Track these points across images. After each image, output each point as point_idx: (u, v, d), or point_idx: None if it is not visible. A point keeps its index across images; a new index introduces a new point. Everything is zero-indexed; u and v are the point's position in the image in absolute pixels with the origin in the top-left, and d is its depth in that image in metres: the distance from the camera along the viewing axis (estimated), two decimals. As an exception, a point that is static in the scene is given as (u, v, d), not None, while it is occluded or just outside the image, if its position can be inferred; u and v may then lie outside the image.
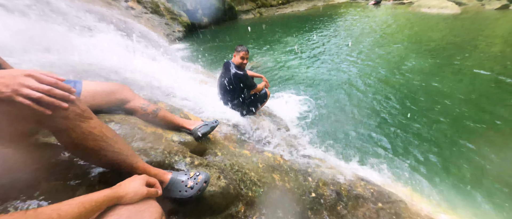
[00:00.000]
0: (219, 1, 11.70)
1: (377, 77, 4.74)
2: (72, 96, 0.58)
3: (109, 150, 0.68)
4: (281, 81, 4.86)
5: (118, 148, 0.71)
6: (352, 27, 10.08)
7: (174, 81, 2.29)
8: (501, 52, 5.72)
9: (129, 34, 3.05)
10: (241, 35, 9.68)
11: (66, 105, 0.56)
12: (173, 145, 1.13)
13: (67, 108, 0.56)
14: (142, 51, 2.58)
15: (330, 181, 1.87)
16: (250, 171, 1.53)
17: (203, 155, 1.35)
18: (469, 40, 6.93)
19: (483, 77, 4.51)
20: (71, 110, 0.58)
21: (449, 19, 9.88)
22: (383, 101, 3.82)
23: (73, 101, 0.59)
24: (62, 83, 0.56)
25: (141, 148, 0.99)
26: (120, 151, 0.71)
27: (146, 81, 1.75)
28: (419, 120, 3.28)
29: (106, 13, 3.37)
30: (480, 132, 2.99)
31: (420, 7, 12.61)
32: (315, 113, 3.54)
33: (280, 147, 2.21)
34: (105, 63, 1.62)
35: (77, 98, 0.61)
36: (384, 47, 6.85)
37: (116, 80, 1.50)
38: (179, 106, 1.78)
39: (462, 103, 3.66)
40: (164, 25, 7.76)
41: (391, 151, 2.78)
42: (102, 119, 1.02)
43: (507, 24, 8.59)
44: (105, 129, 0.69)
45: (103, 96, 1.05)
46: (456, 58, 5.53)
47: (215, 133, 1.73)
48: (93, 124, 0.65)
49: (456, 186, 2.32)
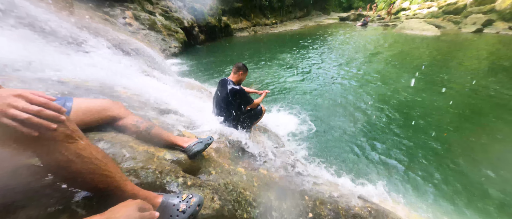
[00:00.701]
0: (216, 19, 12.15)
1: (369, 93, 4.89)
2: (62, 116, 0.56)
3: (97, 173, 0.65)
4: (276, 97, 4.92)
5: (107, 170, 0.68)
6: (343, 46, 10.60)
7: (169, 97, 2.28)
8: (480, 69, 6.12)
9: (123, 50, 3.07)
10: (237, 52, 9.94)
11: (55, 126, 0.54)
12: (165, 164, 1.09)
13: (55, 129, 0.54)
14: (136, 67, 2.58)
15: (327, 199, 1.82)
16: (245, 190, 1.47)
17: (196, 174, 1.30)
18: (451, 58, 7.41)
19: (465, 91, 4.75)
20: (60, 131, 0.56)
21: (431, 40, 10.60)
22: (376, 117, 3.90)
23: (62, 122, 0.56)
24: (53, 103, 0.54)
25: (131, 168, 0.94)
26: (108, 173, 0.68)
27: (140, 97, 1.73)
28: (412, 135, 3.34)
29: (101, 29, 3.42)
30: (474, 146, 3.06)
31: (403, 29, 13.53)
32: (310, 129, 3.56)
33: (276, 164, 2.17)
34: (98, 79, 1.60)
35: (67, 118, 0.59)
36: (373, 64, 7.18)
37: (110, 97, 1.48)
38: (174, 122, 1.75)
39: (450, 116, 3.80)
40: (160, 41, 7.89)
41: (386, 167, 2.77)
42: (92, 137, 0.98)
43: (482, 45, 9.33)
44: (94, 150, 0.66)
45: (94, 114, 1.02)
46: (439, 75, 5.85)
47: (210, 150, 1.68)
48: (82, 145, 0.62)
49: (451, 202, 2.31)
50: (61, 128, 0.56)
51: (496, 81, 5.24)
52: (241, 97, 2.17)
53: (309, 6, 24.13)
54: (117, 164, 0.92)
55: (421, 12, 17.74)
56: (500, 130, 3.40)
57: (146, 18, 7.85)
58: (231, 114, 2.22)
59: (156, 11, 8.91)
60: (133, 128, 1.10)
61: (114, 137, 1.05)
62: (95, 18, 6.00)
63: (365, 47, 9.93)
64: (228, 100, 2.15)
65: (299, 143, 3.14)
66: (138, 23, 7.55)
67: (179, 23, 9.50)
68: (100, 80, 1.66)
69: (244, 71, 2.19)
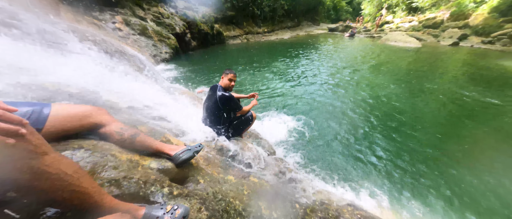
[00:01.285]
0: (208, 26, 12.23)
1: (358, 101, 5.04)
2: (22, 129, 0.50)
3: (66, 190, 0.59)
4: (267, 104, 4.94)
5: (80, 186, 0.62)
6: (332, 55, 10.97)
7: (157, 103, 2.22)
8: (458, 79, 6.54)
9: (111, 54, 2.99)
10: (229, 59, 9.99)
11: (13, 140, 0.47)
12: (150, 174, 1.04)
13: (13, 144, 0.48)
14: (124, 72, 2.51)
15: (318, 207, 1.81)
16: (235, 199, 1.44)
17: (184, 183, 1.25)
18: (433, 68, 7.88)
19: (447, 99, 5.03)
20: (20, 147, 0.50)
21: (413, 52, 11.25)
22: (365, 124, 4.01)
23: (23, 136, 0.50)
24: (11, 114, 0.48)
25: (112, 178, 0.89)
26: (81, 189, 0.62)
27: (126, 103, 1.67)
28: (400, 141, 3.45)
29: (87, 33, 3.32)
30: (460, 151, 3.20)
31: (388, 41, 14.28)
32: (301, 136, 3.58)
33: (266, 172, 2.15)
34: (82, 84, 1.53)
35: (30, 132, 0.53)
36: (361, 73, 7.46)
37: (93, 103, 1.41)
38: (161, 129, 1.70)
39: (435, 122, 3.99)
40: (151, 47, 7.79)
41: (375, 174, 2.82)
42: (71, 146, 0.92)
43: (459, 56, 10.07)
44: (64, 165, 0.60)
45: (75, 120, 0.96)
46: (423, 83, 6.17)
47: (198, 158, 1.64)
48: (48, 161, 0.56)
49: (439, 207, 2.37)
50: (22, 143, 0.50)
51: (474, 89, 5.60)
52: (230, 103, 2.15)
53: (300, 17, 24.98)
54: (96, 175, 0.86)
55: (404, 25, 18.87)
56: (480, 135, 3.59)
57: (137, 24, 7.75)
58: (221, 120, 2.19)
59: (147, 17, 8.85)
60: (117, 136, 1.05)
61: (95, 145, 1.00)
62: (83, 22, 5.85)
63: (354, 57, 10.34)
64: (217, 107, 2.12)
65: (290, 150, 3.14)
66: (128, 29, 7.43)
67: (171, 29, 9.46)
68: (83, 85, 1.59)
69: (233, 75, 2.18)
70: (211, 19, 12.84)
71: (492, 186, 2.59)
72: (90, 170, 0.86)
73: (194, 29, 11.19)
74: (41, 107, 0.88)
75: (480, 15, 13.32)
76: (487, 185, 2.62)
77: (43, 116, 0.85)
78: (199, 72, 7.34)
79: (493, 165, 2.92)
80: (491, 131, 3.77)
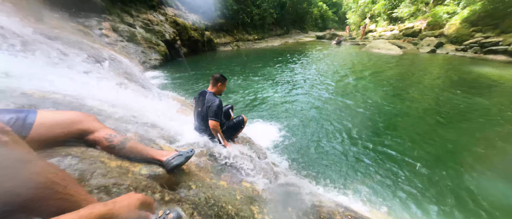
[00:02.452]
0: (199, 34, 12.28)
1: (346, 105, 5.22)
2: (4, 137, 0.48)
3: (53, 198, 0.57)
4: (258, 109, 4.99)
5: (67, 194, 0.60)
6: (321, 62, 11.37)
7: (147, 109, 2.19)
8: (437, 83, 7.00)
9: (99, 61, 2.92)
10: (219, 65, 10.03)
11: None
12: (140, 180, 1.03)
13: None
14: (111, 78, 2.46)
15: (309, 210, 1.83)
16: (227, 204, 1.43)
17: (175, 189, 1.24)
18: (413, 74, 8.39)
19: (425, 102, 5.35)
20: (3, 155, 0.48)
21: (395, 59, 11.92)
22: (353, 127, 4.15)
23: (6, 144, 0.49)
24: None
25: (101, 185, 0.87)
26: (69, 196, 0.60)
27: (114, 109, 1.64)
28: (386, 144, 3.59)
29: (73, 39, 3.24)
30: (443, 150, 3.38)
31: (371, 48, 15.06)
32: (292, 140, 3.64)
33: (258, 176, 2.16)
34: (68, 91, 1.50)
35: (14, 139, 0.52)
36: (348, 77, 7.79)
37: (80, 109, 1.38)
38: (152, 135, 1.68)
39: (417, 123, 4.21)
40: (140, 53, 7.67)
41: (365, 175, 2.91)
42: (58, 153, 0.90)
43: (436, 63, 10.89)
44: (51, 173, 0.58)
45: (63, 127, 0.94)
46: (405, 87, 6.53)
47: (190, 164, 1.63)
48: (33, 169, 0.54)
49: (423, 205, 2.48)
50: (5, 151, 0.49)
51: (451, 93, 6.01)
52: (222, 108, 2.17)
53: (289, 25, 25.77)
54: (85, 183, 0.85)
55: (386, 34, 20.02)
56: (458, 134, 3.84)
57: (125, 30, 7.64)
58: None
59: (136, 23, 8.75)
60: (106, 142, 1.03)
61: (84, 152, 0.98)
62: (68, 28, 5.68)
63: (341, 63, 10.77)
64: (208, 112, 2.13)
65: (281, 154, 3.17)
66: (116, 35, 7.30)
67: (161, 36, 9.39)
68: (70, 91, 1.55)
69: (223, 81, 2.18)
70: (201, 26, 12.92)
71: (474, 184, 2.76)
72: (78, 177, 0.84)
73: (185, 36, 11.19)
74: (26, 114, 0.86)
75: (453, 25, 14.46)
76: (467, 182, 2.78)
77: (28, 123, 0.83)
78: (190, 78, 7.30)
79: (471, 163, 3.12)
80: (468, 129, 4.04)
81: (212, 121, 2.01)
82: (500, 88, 6.69)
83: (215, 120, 2.01)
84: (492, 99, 5.74)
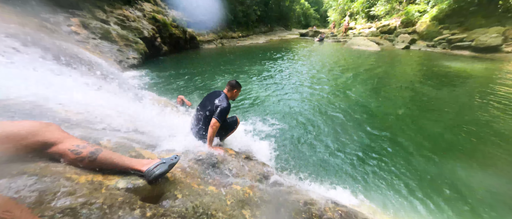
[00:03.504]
0: (180, 31, 11.77)
1: (331, 100, 5.34)
2: None
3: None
4: (245, 108, 4.91)
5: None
6: (304, 58, 11.55)
7: (124, 113, 2.00)
8: (412, 77, 7.50)
9: (63, 60, 2.62)
10: (203, 64, 9.72)
11: None
12: (117, 195, 0.91)
13: None
14: (81, 79, 2.22)
15: (301, 208, 1.81)
16: (217, 212, 1.35)
17: (159, 201, 1.13)
18: (390, 69, 8.90)
19: (404, 94, 5.68)
20: None
21: (374, 55, 12.54)
22: (338, 122, 4.25)
23: None
24: None
25: (67, 207, 0.74)
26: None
27: (84, 115, 1.46)
28: (370, 137, 3.72)
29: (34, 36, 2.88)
30: (425, 144, 3.57)
31: (352, 45, 15.67)
32: (280, 138, 3.62)
33: (249, 177, 2.09)
34: (27, 96, 1.29)
35: None
36: (332, 74, 8.02)
37: (42, 118, 1.19)
38: (130, 142, 1.52)
39: (397, 117, 4.43)
40: (115, 52, 7.13)
41: (352, 170, 2.99)
42: (8, 172, 0.74)
43: (410, 58, 11.73)
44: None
45: (16, 141, 0.79)
46: (383, 83, 6.88)
47: (175, 171, 1.51)
48: None
49: (407, 196, 2.61)
50: None
51: (424, 84, 6.45)
52: (226, 113, 2.11)
53: (273, 22, 25.83)
54: (45, 206, 0.71)
55: (364, 31, 20.93)
56: (431, 123, 4.11)
57: (97, 27, 7.04)
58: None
59: (110, 19, 8.12)
60: (72, 155, 0.89)
61: (44, 169, 0.83)
62: (29, 24, 5.06)
63: (324, 60, 11.05)
64: (214, 110, 2.05)
65: (271, 153, 3.14)
66: (87, 32, 6.70)
67: (139, 33, 8.83)
68: (29, 96, 1.34)
69: (239, 88, 2.28)
70: (183, 23, 12.40)
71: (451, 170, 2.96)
72: (36, 201, 0.70)
73: (165, 33, 10.65)
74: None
75: (424, 23, 15.52)
76: (445, 170, 2.98)
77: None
78: (172, 78, 6.97)
79: (446, 150, 3.35)
80: (436, 118, 4.35)
81: (215, 120, 2.01)
82: (467, 79, 7.34)
83: (219, 121, 2.02)
84: (460, 89, 6.27)
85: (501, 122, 4.24)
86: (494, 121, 4.28)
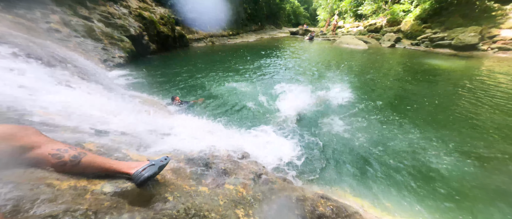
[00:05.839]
0: (168, 29, 11.46)
1: (322, 98, 5.44)
2: None
3: None
4: (235, 108, 4.88)
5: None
6: (296, 56, 11.68)
7: (110, 113, 1.92)
8: (395, 71, 7.82)
9: (41, 59, 2.46)
10: (193, 62, 9.53)
11: None
12: (103, 200, 0.87)
13: None
14: (61, 79, 2.10)
15: (294, 205, 1.84)
16: (210, 213, 1.33)
17: (148, 204, 1.09)
18: (377, 65, 9.27)
19: (391, 86, 5.90)
20: None
21: (362, 52, 12.94)
22: (327, 116, 4.34)
23: None
24: None
25: (47, 215, 0.70)
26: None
27: (65, 117, 1.38)
28: (358, 132, 3.84)
29: (6, 34, 2.69)
30: (405, 139, 3.73)
31: (341, 43, 16.03)
32: (272, 136, 3.64)
33: (241, 176, 2.09)
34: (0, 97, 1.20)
35: None
36: (323, 70, 8.20)
37: (17, 121, 1.12)
38: (116, 144, 1.47)
39: (382, 113, 4.60)
40: (100, 50, 6.82)
41: (340, 164, 3.06)
42: (-21, 181, 0.69)
43: (395, 56, 12.27)
44: None
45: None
46: (372, 77, 7.12)
47: (165, 172, 1.47)
48: None
49: (393, 189, 2.71)
50: None
51: (407, 81, 6.73)
52: None
53: (263, 21, 25.80)
54: (23, 215, 0.67)
55: (353, 30, 21.45)
56: (417, 115, 4.30)
57: (79, 24, 6.69)
58: None
59: (93, 16, 7.73)
60: (53, 160, 0.84)
61: (22, 175, 0.78)
62: (3, 21, 4.71)
63: (314, 57, 11.25)
64: None
65: (263, 152, 3.14)
66: (68, 30, 6.34)
67: (124, 31, 8.49)
68: (3, 98, 1.25)
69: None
70: (171, 21, 12.08)
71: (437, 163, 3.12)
72: (12, 210, 0.66)
73: (152, 31, 10.32)
74: None
75: (408, 22, 16.14)
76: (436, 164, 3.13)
77: None
78: (161, 77, 6.78)
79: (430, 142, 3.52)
80: (422, 110, 4.56)
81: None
82: (447, 76, 7.76)
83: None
84: (441, 84, 6.62)
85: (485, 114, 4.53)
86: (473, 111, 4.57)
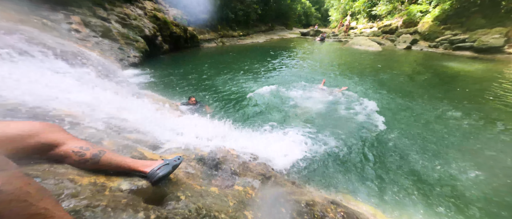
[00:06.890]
0: (181, 29, 11.73)
1: (333, 101, 5.33)
2: None
3: (25, 213, 0.47)
4: (247, 109, 4.89)
5: (43, 208, 0.50)
6: (306, 58, 11.53)
7: (126, 113, 1.99)
8: (409, 73, 7.53)
9: (65, 58, 2.60)
10: (204, 63, 9.70)
11: None
12: (120, 197, 0.90)
13: None
14: (82, 79, 2.21)
15: (303, 210, 1.81)
16: (220, 213, 1.34)
17: (162, 203, 1.12)
18: (391, 67, 8.95)
19: (403, 87, 5.69)
20: None
21: (375, 54, 12.52)
22: (339, 119, 4.24)
23: None
24: None
25: (71, 209, 0.73)
26: (45, 211, 0.51)
27: (87, 116, 1.45)
28: (373, 139, 3.72)
29: (35, 34, 2.86)
30: (419, 141, 3.58)
31: (353, 45, 15.62)
32: (283, 139, 3.61)
33: (250, 178, 2.09)
34: (28, 96, 1.28)
35: None
36: (335, 71, 8.05)
37: (43, 118, 1.19)
38: (133, 143, 1.52)
39: (395, 116, 4.43)
40: (116, 50, 7.11)
41: (351, 171, 2.98)
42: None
43: (411, 57, 11.70)
44: (24, 183, 0.49)
45: (17, 142, 0.78)
46: (385, 78, 6.90)
47: (178, 171, 1.50)
48: (5, 179, 0.45)
49: (410, 202, 2.60)
50: None
51: (423, 85, 6.44)
52: None
53: (273, 21, 25.73)
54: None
55: (366, 31, 20.87)
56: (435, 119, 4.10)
57: (98, 25, 7.01)
58: None
59: (110, 18, 8.08)
60: (76, 157, 0.88)
61: (47, 171, 0.82)
62: (29, 22, 5.04)
63: (326, 59, 11.06)
64: None
65: (272, 154, 3.12)
66: (88, 30, 6.67)
67: (139, 32, 8.80)
68: (30, 97, 1.33)
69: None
70: (183, 21, 12.36)
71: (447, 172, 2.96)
72: (40, 203, 0.70)
73: (166, 32, 10.62)
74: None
75: (426, 23, 15.46)
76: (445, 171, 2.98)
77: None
78: (173, 77, 6.95)
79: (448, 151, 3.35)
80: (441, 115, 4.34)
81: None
82: (471, 80, 7.37)
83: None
84: (463, 89, 6.29)
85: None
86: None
